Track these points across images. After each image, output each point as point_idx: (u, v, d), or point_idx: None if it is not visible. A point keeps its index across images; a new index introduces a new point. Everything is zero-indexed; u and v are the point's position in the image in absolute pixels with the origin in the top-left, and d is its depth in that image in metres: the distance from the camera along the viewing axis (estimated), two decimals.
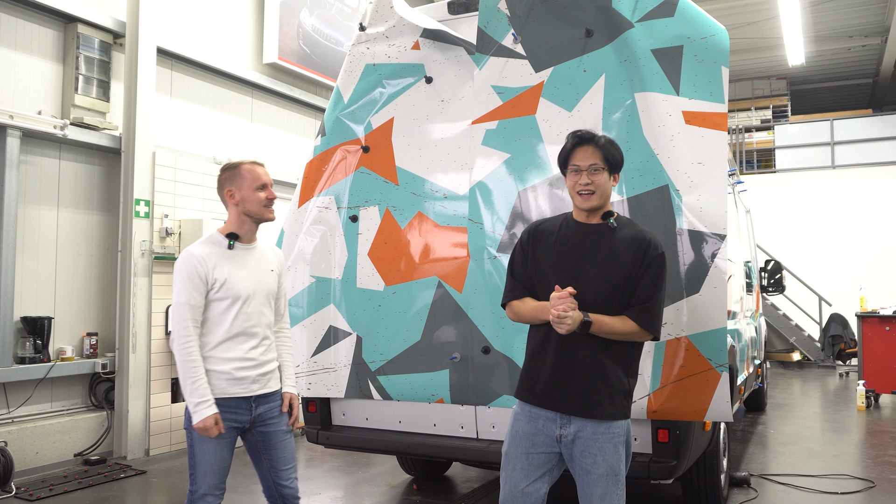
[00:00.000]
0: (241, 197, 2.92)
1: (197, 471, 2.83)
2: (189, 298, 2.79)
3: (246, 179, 2.92)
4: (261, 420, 2.96)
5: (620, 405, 2.59)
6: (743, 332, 5.64)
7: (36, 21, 5.80)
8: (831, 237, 13.37)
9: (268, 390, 2.98)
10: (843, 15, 13.46)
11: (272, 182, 3.01)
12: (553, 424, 2.60)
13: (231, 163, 2.99)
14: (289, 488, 3.01)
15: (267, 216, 2.96)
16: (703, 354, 3.25)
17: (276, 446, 2.99)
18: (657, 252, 2.60)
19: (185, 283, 2.80)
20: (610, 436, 2.56)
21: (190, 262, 2.82)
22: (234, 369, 2.86)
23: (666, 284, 2.65)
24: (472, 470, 5.56)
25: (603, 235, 2.64)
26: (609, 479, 2.55)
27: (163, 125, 6.67)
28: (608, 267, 2.58)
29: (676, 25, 3.46)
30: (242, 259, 2.94)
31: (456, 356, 3.81)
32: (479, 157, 3.87)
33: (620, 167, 2.69)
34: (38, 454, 5.50)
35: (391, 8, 4.19)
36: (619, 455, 2.58)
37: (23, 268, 5.64)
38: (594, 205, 2.62)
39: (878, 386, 8.45)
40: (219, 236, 2.94)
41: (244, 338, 2.89)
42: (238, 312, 2.87)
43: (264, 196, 2.93)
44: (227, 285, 2.85)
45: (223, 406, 2.84)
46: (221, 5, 7.45)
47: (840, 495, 4.90)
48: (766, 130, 15.50)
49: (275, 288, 3.05)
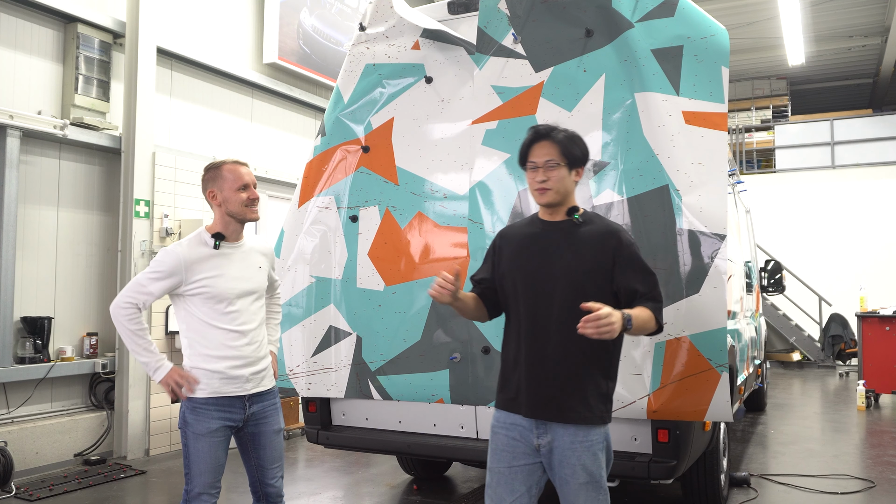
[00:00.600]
0: (223, 198, 2.90)
1: (192, 470, 2.84)
2: (147, 283, 2.83)
3: (227, 180, 2.90)
4: (253, 419, 2.97)
5: (598, 410, 2.46)
6: (743, 332, 5.64)
7: (36, 21, 5.80)
8: (831, 237, 13.37)
9: (261, 389, 2.98)
10: (843, 15, 13.46)
11: (255, 182, 2.98)
12: (530, 434, 2.50)
13: (213, 163, 2.96)
14: (273, 487, 3.03)
15: (249, 216, 2.94)
16: (703, 354, 3.24)
17: (265, 445, 3.00)
18: (630, 240, 2.52)
19: (153, 271, 2.84)
20: (588, 444, 2.44)
21: (168, 259, 2.84)
22: (227, 368, 2.87)
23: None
24: (472, 470, 5.56)
25: (569, 232, 2.54)
26: (590, 488, 2.44)
27: (163, 125, 6.67)
28: (576, 262, 2.48)
29: (676, 25, 3.46)
30: (229, 258, 2.94)
31: (456, 356, 3.81)
32: (479, 157, 3.87)
33: (583, 161, 2.56)
34: (38, 454, 5.50)
35: (391, 8, 4.19)
36: (598, 463, 2.46)
37: (23, 268, 5.64)
38: (549, 201, 2.53)
39: (878, 386, 8.45)
40: (206, 235, 2.94)
41: (235, 335, 2.89)
42: (226, 311, 2.87)
43: (246, 196, 2.91)
44: (210, 285, 2.85)
45: (217, 405, 2.85)
46: (221, 5, 7.45)
47: (840, 495, 4.89)
48: (766, 130, 15.49)
49: (263, 284, 3.06)
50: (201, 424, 2.83)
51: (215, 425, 2.85)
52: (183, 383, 2.82)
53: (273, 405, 3.04)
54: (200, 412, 2.84)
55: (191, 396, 2.86)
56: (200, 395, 2.85)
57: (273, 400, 3.05)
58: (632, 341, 3.38)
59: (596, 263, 2.47)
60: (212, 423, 2.84)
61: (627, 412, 3.38)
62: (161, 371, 2.82)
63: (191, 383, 2.83)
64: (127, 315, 2.84)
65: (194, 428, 2.84)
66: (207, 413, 2.85)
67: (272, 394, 3.06)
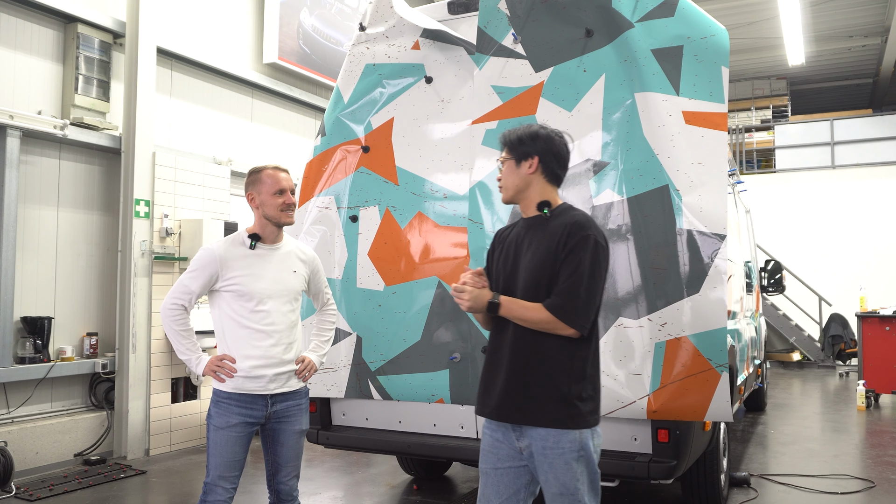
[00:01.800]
0: (260, 201, 3.00)
1: (210, 461, 2.92)
2: (188, 283, 2.95)
3: (265, 184, 2.99)
4: (276, 416, 3.01)
5: (566, 412, 2.30)
6: (743, 332, 5.64)
7: (36, 21, 5.80)
8: (831, 237, 13.37)
9: (286, 389, 3.01)
10: (843, 15, 13.46)
11: (293, 187, 3.05)
12: (511, 435, 2.42)
13: (255, 167, 3.07)
14: (285, 486, 3.06)
15: (284, 220, 3.02)
16: (703, 354, 3.25)
17: (282, 443, 3.04)
18: (581, 235, 2.34)
19: (191, 269, 2.97)
20: (559, 451, 2.29)
21: (203, 255, 2.96)
22: (251, 367, 2.92)
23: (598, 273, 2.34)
24: (472, 470, 5.56)
25: (537, 227, 2.46)
26: (563, 500, 2.30)
27: (163, 125, 6.67)
28: (534, 258, 2.40)
29: (676, 25, 3.46)
30: (263, 259, 3.00)
31: (456, 356, 3.81)
32: (479, 157, 3.87)
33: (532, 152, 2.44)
34: (38, 454, 5.50)
35: (391, 8, 4.19)
36: (572, 473, 2.29)
37: (23, 268, 5.64)
38: (504, 198, 2.52)
39: (878, 386, 8.45)
40: (244, 235, 3.04)
41: (262, 336, 2.94)
42: (255, 310, 2.93)
43: (281, 201, 2.98)
44: (242, 283, 2.92)
45: (238, 401, 2.91)
46: (221, 5, 7.45)
47: (840, 495, 4.89)
48: (766, 130, 15.49)
49: (298, 288, 3.09)
50: (221, 418, 2.91)
51: (234, 420, 2.90)
52: (217, 368, 2.90)
53: (298, 406, 3.07)
54: (222, 406, 2.93)
55: (216, 388, 2.95)
56: (224, 389, 2.93)
57: (299, 401, 3.07)
58: (632, 342, 3.38)
59: (550, 257, 2.36)
60: (231, 418, 2.90)
61: (627, 412, 3.38)
62: (200, 364, 2.93)
63: (225, 368, 2.90)
64: (172, 316, 2.95)
65: (215, 420, 2.92)
66: (228, 407, 2.92)
67: (299, 394, 3.08)
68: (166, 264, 6.38)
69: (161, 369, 6.28)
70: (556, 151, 2.47)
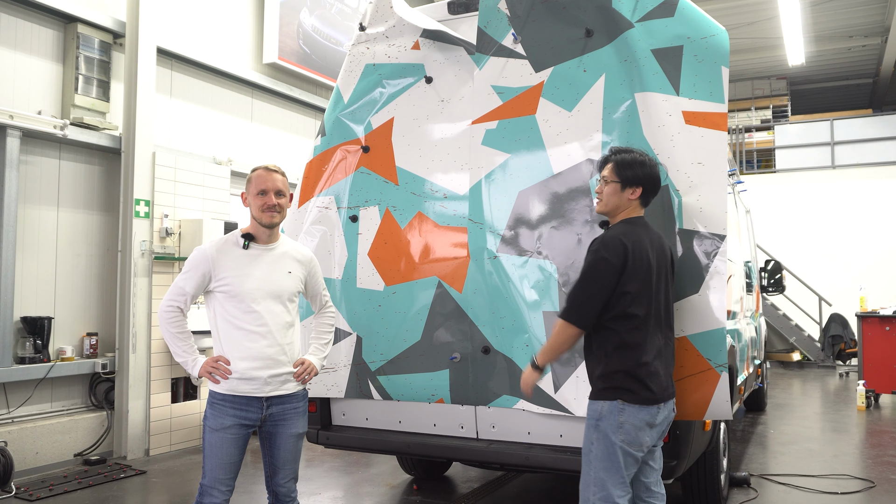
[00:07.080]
0: (249, 202, 3.02)
1: (205, 463, 2.91)
2: (183, 284, 2.96)
3: (252, 184, 2.99)
4: (271, 419, 2.99)
5: (595, 387, 2.88)
6: (743, 332, 5.64)
7: (36, 21, 5.80)
8: (831, 237, 13.37)
9: (282, 392, 2.99)
10: (843, 15, 13.46)
11: (279, 188, 2.99)
12: None
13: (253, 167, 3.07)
14: (282, 487, 3.06)
15: (264, 221, 2.98)
16: (703, 354, 3.25)
17: (279, 446, 3.02)
18: (590, 249, 2.89)
19: (185, 270, 2.99)
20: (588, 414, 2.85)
21: (195, 255, 2.99)
22: (246, 368, 2.90)
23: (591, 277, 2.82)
24: (472, 470, 5.56)
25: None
26: (584, 457, 2.84)
27: (163, 125, 6.67)
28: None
29: (676, 25, 3.46)
30: (257, 259, 2.99)
31: (456, 356, 3.81)
32: (479, 157, 3.86)
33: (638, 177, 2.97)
34: (38, 454, 5.50)
35: (391, 8, 4.19)
36: (590, 436, 2.82)
37: (23, 268, 5.64)
38: (601, 210, 3.06)
39: (878, 386, 8.45)
40: (238, 235, 3.03)
41: (256, 337, 2.92)
42: (248, 311, 2.91)
43: (262, 202, 2.96)
44: (232, 283, 2.91)
45: (233, 403, 2.90)
46: (221, 5, 7.45)
47: (840, 495, 4.90)
48: (766, 130, 15.50)
49: (292, 289, 3.05)
50: (216, 419, 2.90)
51: (228, 422, 2.89)
52: (212, 369, 2.89)
53: (295, 409, 3.04)
54: (217, 407, 2.92)
55: (212, 390, 2.94)
56: (219, 391, 2.92)
57: (296, 404, 3.05)
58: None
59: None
60: (225, 420, 2.89)
61: None
62: (196, 366, 2.91)
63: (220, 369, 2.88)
64: (169, 318, 2.95)
65: (210, 422, 2.92)
66: (223, 409, 2.90)
67: (296, 397, 3.05)
68: (166, 264, 6.38)
69: (161, 369, 6.28)
70: (656, 182, 2.98)
